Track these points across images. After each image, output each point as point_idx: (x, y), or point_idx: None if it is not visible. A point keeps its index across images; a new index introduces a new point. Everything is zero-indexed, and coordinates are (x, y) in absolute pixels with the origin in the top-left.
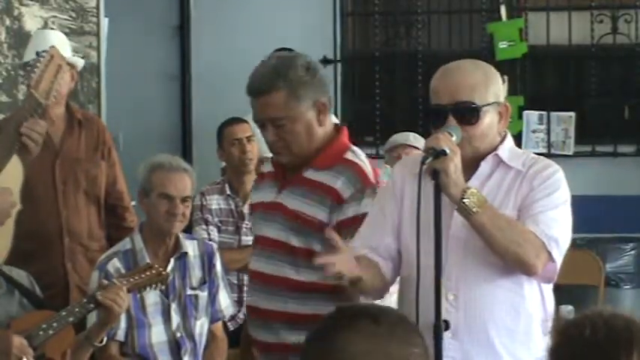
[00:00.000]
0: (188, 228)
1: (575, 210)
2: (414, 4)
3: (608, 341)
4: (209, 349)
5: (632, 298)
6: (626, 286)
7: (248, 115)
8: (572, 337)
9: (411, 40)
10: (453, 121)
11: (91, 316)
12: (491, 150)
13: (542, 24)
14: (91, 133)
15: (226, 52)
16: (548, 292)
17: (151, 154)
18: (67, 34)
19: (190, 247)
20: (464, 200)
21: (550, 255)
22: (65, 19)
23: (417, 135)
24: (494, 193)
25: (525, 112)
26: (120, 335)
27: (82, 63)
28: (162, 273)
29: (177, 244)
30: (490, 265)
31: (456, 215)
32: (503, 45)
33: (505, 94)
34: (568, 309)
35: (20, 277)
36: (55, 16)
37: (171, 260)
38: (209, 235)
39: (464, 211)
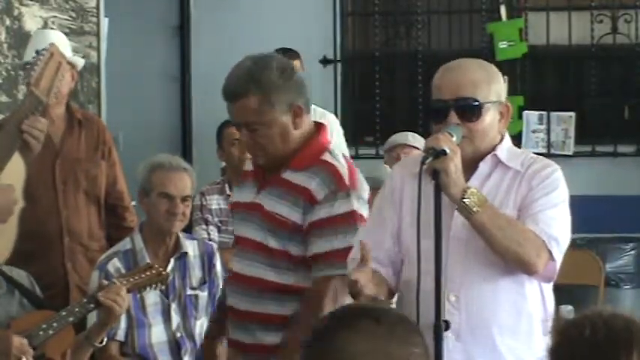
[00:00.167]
0: (188, 228)
1: (575, 210)
2: (414, 4)
3: (607, 341)
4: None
5: (632, 298)
6: (626, 286)
7: None
8: (572, 337)
9: (411, 40)
10: (454, 117)
11: (91, 316)
12: (491, 150)
13: (542, 24)
14: (91, 133)
15: (226, 52)
16: (548, 291)
17: (151, 154)
18: (67, 34)
19: (190, 247)
20: (464, 200)
21: (550, 254)
22: (65, 19)
23: (416, 135)
24: (493, 193)
25: (525, 112)
26: (120, 335)
27: (82, 63)
28: (163, 273)
29: (177, 244)
30: (491, 266)
31: (457, 216)
32: (503, 45)
33: (505, 94)
34: (568, 309)
35: (20, 277)
36: (55, 16)
37: (172, 260)
38: (209, 235)
39: (464, 211)
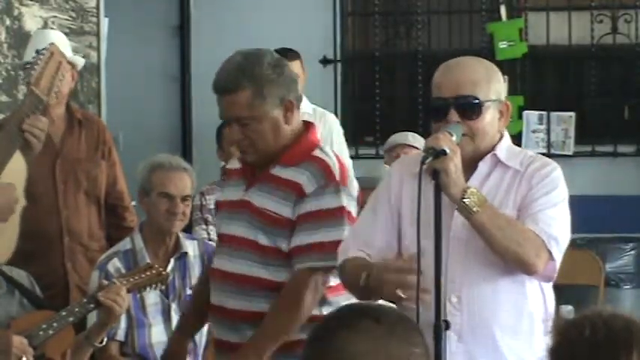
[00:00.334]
0: (188, 228)
1: (575, 210)
2: (414, 4)
3: (607, 341)
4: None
5: (632, 298)
6: (626, 286)
7: None
8: (572, 337)
9: (411, 40)
10: (454, 115)
11: (91, 316)
12: (490, 149)
13: (542, 24)
14: (92, 133)
15: (226, 52)
16: (548, 291)
17: (151, 154)
18: (67, 34)
19: (190, 247)
20: (464, 200)
21: (550, 254)
22: (65, 19)
23: (415, 135)
24: (493, 193)
25: (525, 112)
26: (120, 335)
27: (82, 62)
28: (163, 273)
29: (177, 244)
30: (492, 266)
31: (457, 216)
32: (503, 45)
33: (505, 93)
34: (568, 309)
35: (20, 277)
36: (55, 16)
37: (172, 260)
38: (209, 235)
39: (464, 211)
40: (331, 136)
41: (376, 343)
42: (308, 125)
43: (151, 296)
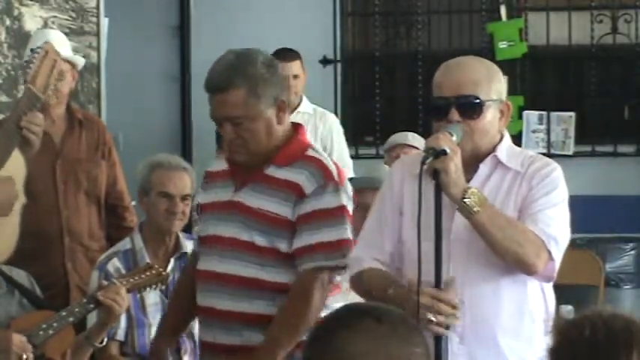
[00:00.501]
0: (187, 228)
1: (575, 210)
2: (414, 4)
3: (607, 341)
4: None
5: (632, 298)
6: (626, 286)
7: None
8: (572, 337)
9: (411, 40)
10: (455, 115)
11: (91, 316)
12: (491, 149)
13: (542, 24)
14: (92, 133)
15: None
16: (549, 291)
17: (151, 154)
18: (67, 34)
19: (190, 247)
20: (464, 200)
21: (550, 254)
22: (65, 19)
23: (415, 135)
24: (494, 194)
25: (525, 112)
26: (120, 335)
27: (82, 62)
28: (163, 273)
29: (177, 243)
30: (493, 267)
31: (458, 218)
32: (503, 45)
33: (505, 92)
34: (568, 309)
35: (20, 277)
36: (55, 16)
37: (172, 260)
38: None
39: (464, 211)
40: (331, 136)
41: (376, 343)
42: (297, 126)
43: (151, 296)
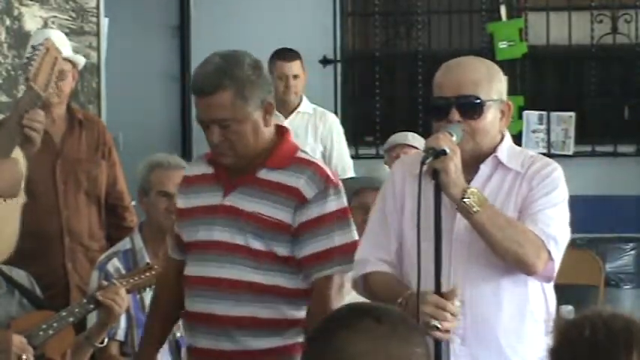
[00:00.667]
0: None
1: (575, 210)
2: (414, 4)
3: (607, 341)
4: None
5: (632, 298)
6: (626, 286)
7: None
8: (572, 337)
9: (411, 40)
10: (456, 115)
11: (91, 317)
12: (492, 149)
13: (542, 24)
14: (92, 133)
15: None
16: (550, 291)
17: (151, 154)
18: (67, 34)
19: None
20: (464, 200)
21: (549, 254)
22: (65, 19)
23: (415, 134)
24: (494, 195)
25: (525, 112)
26: (120, 335)
27: (83, 61)
28: None
29: None
30: (494, 268)
31: (459, 219)
32: (503, 45)
33: (506, 92)
34: (568, 309)
35: (20, 277)
36: (55, 16)
37: None
38: None
39: (464, 211)
40: (331, 136)
41: (376, 342)
42: (281, 128)
43: (151, 296)
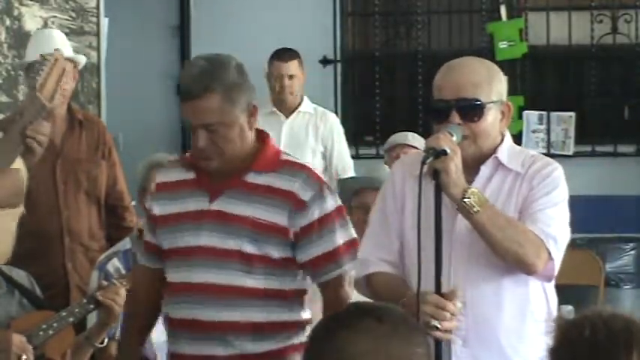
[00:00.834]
0: None
1: (575, 210)
2: (414, 4)
3: (607, 341)
4: None
5: (632, 298)
6: (626, 286)
7: None
8: (572, 337)
9: (411, 40)
10: (456, 117)
11: (91, 316)
12: (492, 149)
13: (542, 24)
14: (92, 133)
15: (226, 52)
16: (551, 291)
17: (151, 154)
18: (67, 34)
19: None
20: (465, 200)
21: (549, 253)
22: (65, 19)
23: (415, 135)
24: (495, 195)
25: (525, 112)
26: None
27: (84, 60)
28: None
29: None
30: (495, 269)
31: (460, 219)
32: (503, 45)
33: (506, 93)
34: (568, 309)
35: (20, 277)
36: (55, 16)
37: None
38: None
39: (464, 211)
40: (332, 136)
41: (377, 342)
42: (261, 132)
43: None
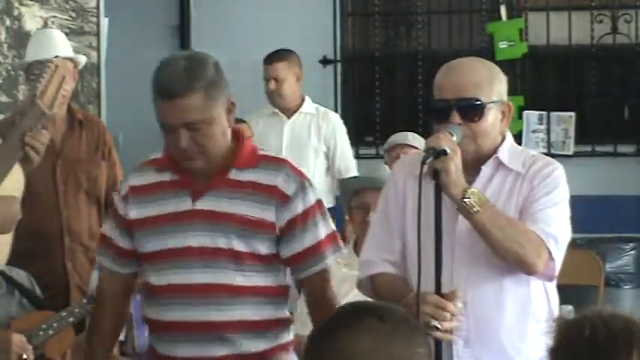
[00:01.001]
0: None
1: (575, 210)
2: (414, 4)
3: (607, 341)
4: None
5: (632, 298)
6: (626, 286)
7: (247, 115)
8: (572, 337)
9: (411, 40)
10: (456, 117)
11: None
12: (493, 150)
13: (542, 24)
14: (92, 133)
15: (226, 52)
16: (552, 291)
17: (151, 154)
18: (67, 34)
19: None
20: (465, 200)
21: (550, 253)
22: (65, 19)
23: (415, 134)
24: (496, 196)
25: (525, 112)
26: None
27: (84, 60)
28: None
29: None
30: (496, 269)
31: (461, 220)
32: (503, 45)
33: (506, 94)
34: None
35: (20, 277)
36: (55, 16)
37: None
38: None
39: (464, 211)
40: (335, 135)
41: (378, 341)
42: (235, 129)
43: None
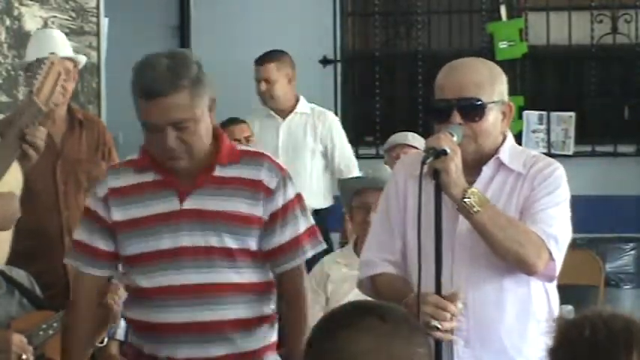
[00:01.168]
0: None
1: (575, 210)
2: (414, 4)
3: (607, 341)
4: None
5: (632, 298)
6: (626, 286)
7: (247, 116)
8: (572, 337)
9: (411, 40)
10: (457, 117)
11: None
12: (494, 150)
13: (542, 24)
14: (92, 133)
15: (226, 53)
16: (553, 291)
17: None
18: (67, 34)
19: None
20: (465, 200)
21: (550, 254)
22: (65, 19)
23: (415, 134)
24: (497, 196)
25: (525, 112)
26: (120, 335)
27: (84, 60)
28: None
29: None
30: (496, 270)
31: (462, 221)
32: (503, 45)
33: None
34: (568, 309)
35: (20, 277)
36: (55, 16)
37: None
38: None
39: (465, 211)
40: (331, 135)
41: (379, 341)
42: (213, 127)
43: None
